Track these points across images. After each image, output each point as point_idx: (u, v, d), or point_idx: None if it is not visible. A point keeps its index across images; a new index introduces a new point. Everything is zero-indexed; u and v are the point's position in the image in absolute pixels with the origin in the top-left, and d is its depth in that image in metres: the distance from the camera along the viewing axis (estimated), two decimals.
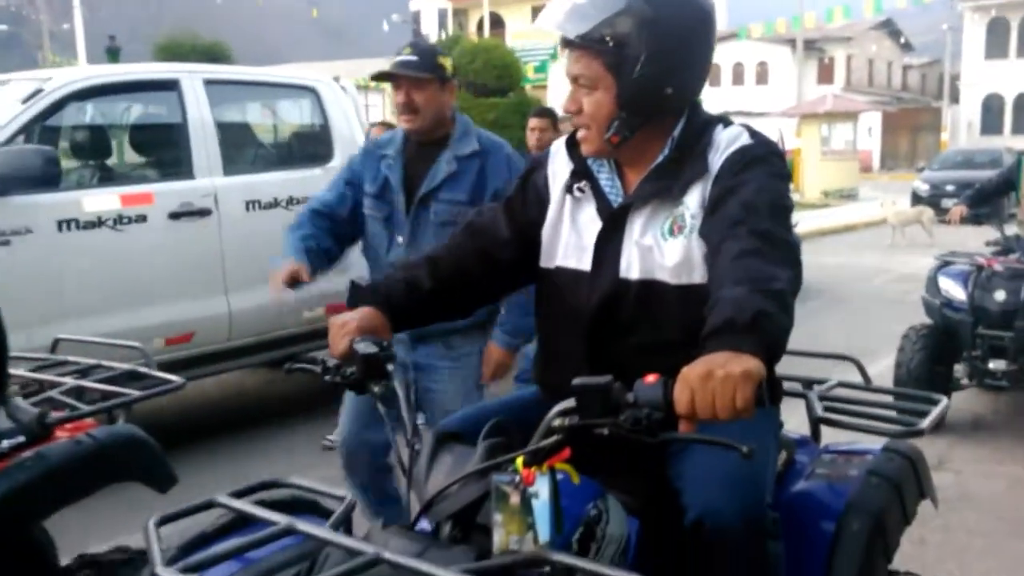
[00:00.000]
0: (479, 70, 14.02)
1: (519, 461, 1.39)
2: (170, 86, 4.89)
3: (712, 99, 28.78)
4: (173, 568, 1.30)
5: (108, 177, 5.17)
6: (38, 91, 4.42)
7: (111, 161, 5.56)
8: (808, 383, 2.38)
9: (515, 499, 1.39)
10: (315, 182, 4.70)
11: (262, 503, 1.54)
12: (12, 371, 2.39)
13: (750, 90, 44.47)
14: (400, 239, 2.99)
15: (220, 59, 14.10)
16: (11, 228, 4.14)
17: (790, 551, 1.84)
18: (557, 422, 1.39)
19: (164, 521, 1.44)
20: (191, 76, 4.96)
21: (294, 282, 2.79)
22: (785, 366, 1.78)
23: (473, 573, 1.28)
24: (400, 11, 46.57)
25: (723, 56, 42.82)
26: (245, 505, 1.49)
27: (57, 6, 34.00)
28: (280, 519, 1.41)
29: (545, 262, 1.92)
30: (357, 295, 1.83)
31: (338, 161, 5.46)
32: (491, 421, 1.53)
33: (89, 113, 5.35)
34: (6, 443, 2.07)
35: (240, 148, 5.55)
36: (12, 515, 2.07)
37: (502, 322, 3.03)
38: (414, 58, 2.91)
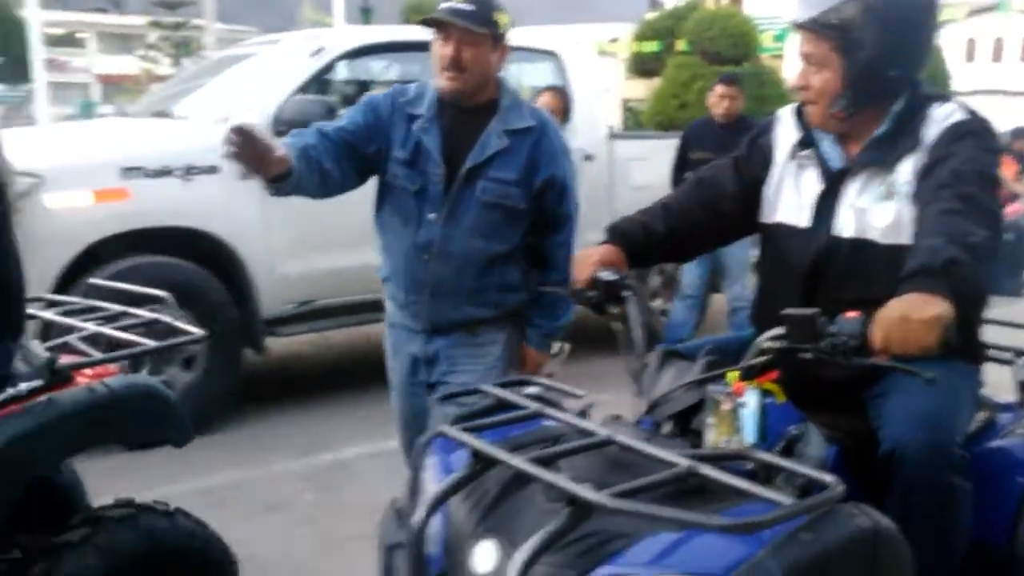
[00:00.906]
0: (715, 37, 13.95)
1: (732, 375, 1.67)
2: (424, 47, 5.37)
3: (968, 76, 26.74)
4: (455, 428, 1.67)
5: None
6: (320, 49, 5.05)
7: None
8: (1020, 352, 2.49)
9: (727, 406, 1.67)
10: None
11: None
12: (39, 313, 2.52)
13: (1012, 67, 41.10)
14: (432, 215, 2.60)
15: None
16: None
17: (981, 498, 2.00)
18: (767, 344, 1.66)
19: (445, 399, 1.83)
20: None
21: None
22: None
23: (689, 457, 1.57)
24: None
25: (980, 30, 39.70)
26: (505, 393, 1.85)
27: None
28: (532, 405, 1.76)
29: (766, 217, 2.16)
30: (608, 234, 2.15)
31: (577, 124, 5.81)
32: (709, 344, 1.82)
33: (355, 70, 5.95)
34: (24, 386, 2.08)
35: None
36: (20, 459, 2.05)
37: (537, 324, 2.79)
38: (471, 7, 2.52)
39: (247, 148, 2.27)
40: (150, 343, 2.28)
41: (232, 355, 4.81)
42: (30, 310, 2.34)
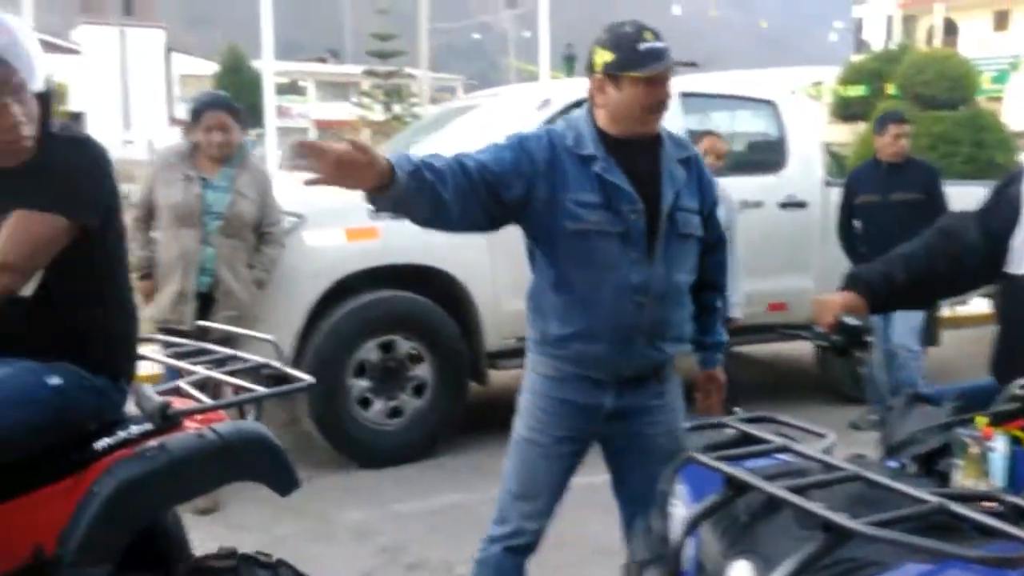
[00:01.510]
0: (930, 81, 13.46)
1: (981, 420, 1.75)
2: None
3: None
4: (706, 456, 1.82)
5: None
6: (547, 101, 5.38)
7: None
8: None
9: (975, 449, 1.73)
10: (770, 187, 5.12)
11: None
12: (153, 356, 2.61)
13: None
14: (637, 255, 2.49)
15: None
16: None
17: None
18: (1019, 391, 1.72)
19: (694, 428, 1.99)
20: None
21: None
22: None
23: (938, 495, 1.64)
24: (843, 19, 45.27)
25: None
26: (749, 427, 1.99)
27: (519, 16, 37.02)
28: (778, 439, 1.89)
29: (1013, 268, 2.18)
30: (848, 281, 2.26)
31: (792, 171, 5.88)
32: (955, 390, 1.89)
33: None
34: (135, 429, 2.13)
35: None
36: (131, 504, 2.08)
37: (710, 343, 2.78)
38: (666, 45, 2.48)
39: (323, 161, 2.11)
40: (260, 390, 2.26)
41: (458, 385, 5.16)
42: (144, 351, 2.48)
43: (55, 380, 2.09)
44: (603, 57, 2.47)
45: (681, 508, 1.95)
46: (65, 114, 32.44)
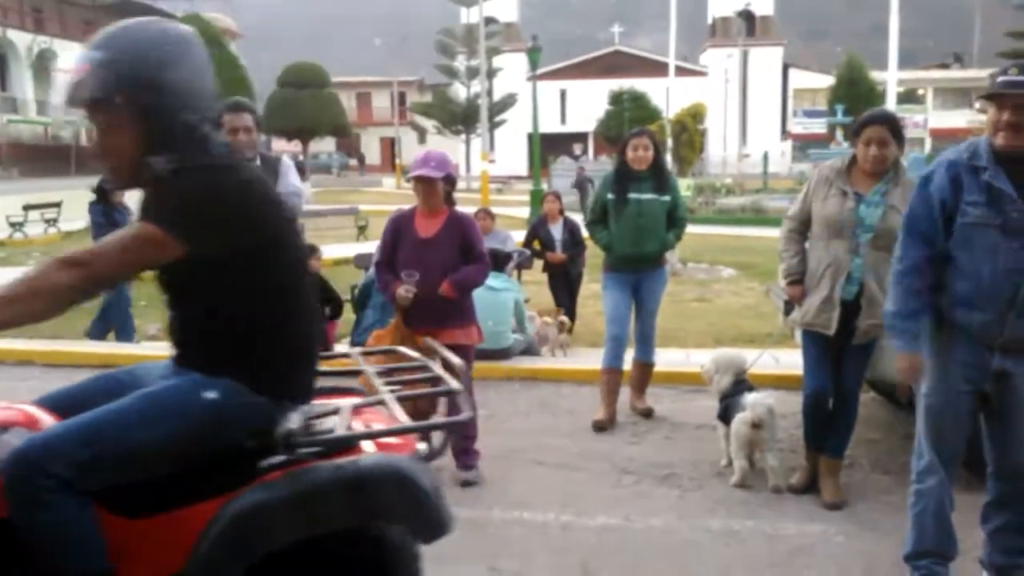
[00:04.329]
0: None
1: None
2: None
3: None
4: None
5: None
6: None
7: None
8: None
9: None
10: None
11: None
12: (362, 367, 2.57)
13: None
14: (1017, 244, 3.15)
15: None
16: None
17: None
18: None
19: None
20: None
21: None
22: None
23: None
24: None
25: None
26: None
27: None
28: None
29: None
30: None
31: None
32: None
33: None
34: (302, 452, 2.06)
35: None
36: (247, 531, 1.99)
37: None
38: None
39: None
40: (439, 420, 2.26)
41: None
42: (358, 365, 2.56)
43: (212, 395, 2.09)
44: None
45: None
46: (697, 132, 35.08)
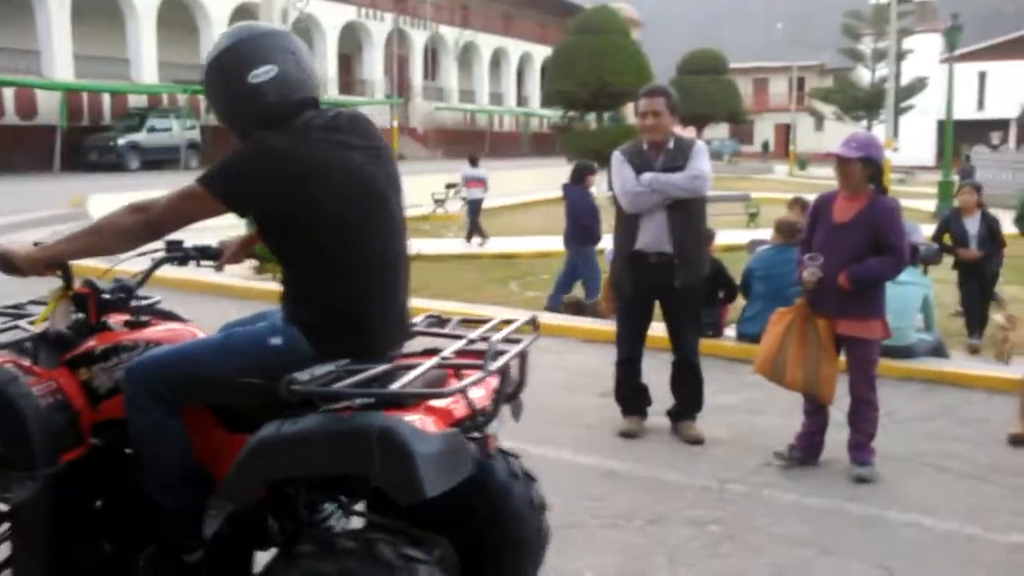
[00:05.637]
0: None
1: None
2: None
3: None
4: None
5: None
6: None
7: None
8: None
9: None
10: None
11: None
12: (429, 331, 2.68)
13: None
14: None
15: None
16: None
17: None
18: None
19: None
20: None
21: None
22: None
23: None
24: None
25: None
26: None
27: None
28: None
29: None
30: None
31: None
32: None
33: None
34: (357, 402, 2.16)
35: None
36: (255, 462, 2.20)
37: None
38: None
39: None
40: (455, 386, 2.21)
41: None
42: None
43: (276, 341, 2.30)
44: None
45: None
46: None
